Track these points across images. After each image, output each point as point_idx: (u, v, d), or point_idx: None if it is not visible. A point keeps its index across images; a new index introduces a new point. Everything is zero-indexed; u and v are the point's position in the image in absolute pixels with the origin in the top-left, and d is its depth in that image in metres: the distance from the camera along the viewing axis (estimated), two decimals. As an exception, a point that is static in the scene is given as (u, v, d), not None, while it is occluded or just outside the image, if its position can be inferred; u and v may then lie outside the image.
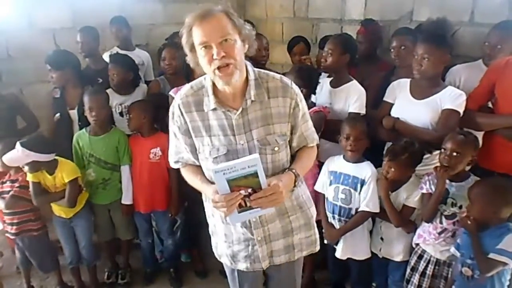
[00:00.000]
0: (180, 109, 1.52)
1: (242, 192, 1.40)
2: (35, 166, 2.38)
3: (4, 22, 3.17)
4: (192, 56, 1.42)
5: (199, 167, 1.61)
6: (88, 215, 2.65)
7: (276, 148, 1.52)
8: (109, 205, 2.70)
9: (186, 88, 1.55)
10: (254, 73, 1.50)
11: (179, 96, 1.54)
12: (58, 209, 2.55)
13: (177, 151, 1.65)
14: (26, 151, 2.30)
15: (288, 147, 1.60)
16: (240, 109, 1.46)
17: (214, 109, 1.48)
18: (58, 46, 3.36)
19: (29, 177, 2.42)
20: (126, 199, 2.66)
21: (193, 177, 1.61)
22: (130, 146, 2.64)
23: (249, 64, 1.50)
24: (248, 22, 1.53)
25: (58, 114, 2.71)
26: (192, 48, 1.40)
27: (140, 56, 3.49)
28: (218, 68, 1.36)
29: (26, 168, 2.38)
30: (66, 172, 2.44)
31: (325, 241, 2.37)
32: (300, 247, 1.72)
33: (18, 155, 2.31)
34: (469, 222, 1.85)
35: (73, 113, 2.78)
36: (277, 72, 1.62)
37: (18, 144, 2.32)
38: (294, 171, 1.54)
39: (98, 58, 3.23)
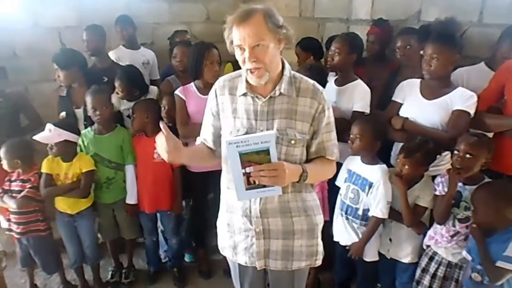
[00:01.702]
0: (215, 92, 1.67)
1: (251, 168, 1.42)
2: (63, 147, 2.45)
3: (9, 21, 3.18)
4: (231, 49, 1.53)
5: (210, 149, 1.74)
6: (91, 215, 2.65)
7: (293, 142, 1.55)
8: (113, 204, 2.69)
9: (227, 75, 1.69)
10: (290, 72, 1.59)
11: (218, 81, 1.69)
12: (63, 204, 2.54)
13: (205, 131, 1.74)
14: (59, 130, 2.42)
15: (305, 147, 1.61)
16: (268, 97, 1.55)
17: (244, 94, 1.58)
18: (64, 44, 3.37)
19: (43, 169, 2.47)
20: (131, 199, 2.66)
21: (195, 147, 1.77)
22: (134, 146, 2.63)
23: (286, 62, 1.59)
24: None
25: (63, 113, 2.71)
26: (231, 43, 1.51)
27: (145, 55, 3.50)
28: (250, 69, 1.48)
29: (53, 150, 2.44)
30: (84, 162, 2.50)
31: (335, 239, 2.37)
32: (299, 256, 1.69)
33: (50, 134, 2.40)
34: (474, 229, 1.84)
35: (79, 112, 2.77)
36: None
37: (49, 125, 2.42)
38: (303, 167, 1.55)
39: (104, 57, 3.23)
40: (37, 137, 2.41)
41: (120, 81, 2.74)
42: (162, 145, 1.48)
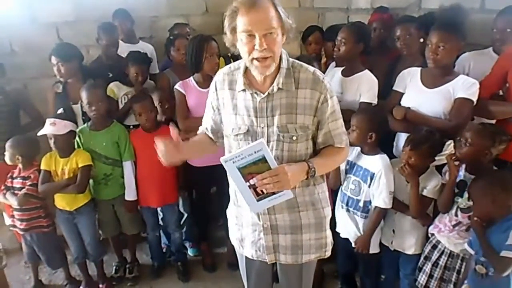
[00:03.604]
0: (215, 86, 1.64)
1: (254, 179, 1.41)
2: (66, 139, 2.46)
3: (6, 17, 3.14)
4: (231, 37, 1.46)
5: (211, 139, 1.73)
6: (90, 212, 2.64)
7: (294, 138, 1.52)
8: (113, 200, 2.68)
9: (226, 67, 1.64)
10: (288, 63, 1.53)
11: (217, 74, 1.65)
12: (62, 201, 2.54)
13: (206, 122, 1.74)
14: (63, 122, 2.44)
15: (310, 141, 1.58)
16: (266, 94, 1.51)
17: (243, 90, 1.54)
18: (62, 40, 3.33)
19: (42, 165, 2.47)
20: (129, 195, 2.64)
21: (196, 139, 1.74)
22: (132, 142, 2.61)
23: (284, 53, 1.53)
24: None
25: (61, 109, 2.69)
26: (233, 31, 1.44)
27: (144, 49, 3.44)
28: (257, 58, 1.41)
29: (56, 143, 2.43)
30: (81, 158, 2.49)
31: (337, 230, 2.36)
32: (308, 249, 1.69)
33: (55, 127, 2.40)
34: (474, 223, 1.83)
35: (77, 108, 2.75)
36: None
37: (50, 120, 2.42)
38: (309, 163, 1.51)
39: (113, 52, 3.20)
40: (45, 131, 2.40)
41: (133, 62, 2.76)
42: (162, 149, 1.48)
